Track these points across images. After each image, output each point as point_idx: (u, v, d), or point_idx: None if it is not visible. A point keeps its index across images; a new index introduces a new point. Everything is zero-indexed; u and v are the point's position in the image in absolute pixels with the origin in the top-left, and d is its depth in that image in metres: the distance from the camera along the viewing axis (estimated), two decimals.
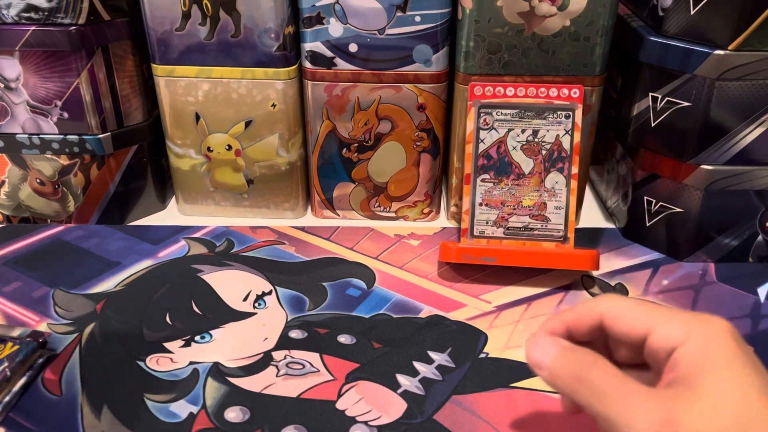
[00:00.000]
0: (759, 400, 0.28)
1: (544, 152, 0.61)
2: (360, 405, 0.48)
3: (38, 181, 0.69)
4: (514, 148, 0.62)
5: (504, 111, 0.61)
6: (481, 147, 0.62)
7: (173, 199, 0.76)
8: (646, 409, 0.28)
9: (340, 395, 0.49)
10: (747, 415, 0.27)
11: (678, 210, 0.63)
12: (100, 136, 0.66)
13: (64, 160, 0.67)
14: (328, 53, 0.63)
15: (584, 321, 0.35)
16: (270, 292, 0.60)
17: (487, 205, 0.62)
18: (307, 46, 0.63)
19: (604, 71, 0.62)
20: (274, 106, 0.65)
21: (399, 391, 0.49)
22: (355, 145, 0.68)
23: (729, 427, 0.27)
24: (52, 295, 0.60)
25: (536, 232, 0.62)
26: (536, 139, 0.61)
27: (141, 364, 0.52)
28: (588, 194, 0.76)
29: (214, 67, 0.64)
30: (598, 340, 0.36)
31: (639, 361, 0.35)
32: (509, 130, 0.62)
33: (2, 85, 0.64)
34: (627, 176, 0.68)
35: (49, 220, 0.71)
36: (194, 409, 0.48)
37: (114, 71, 0.65)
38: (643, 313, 0.33)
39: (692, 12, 0.56)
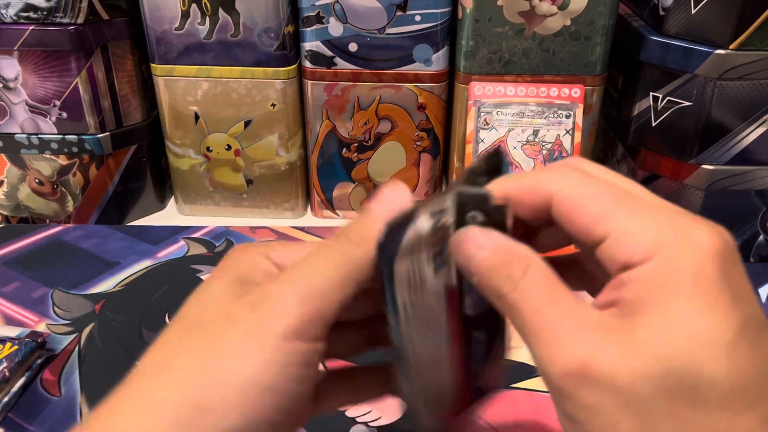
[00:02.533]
0: (717, 353, 0.20)
1: (544, 152, 0.61)
2: (360, 405, 0.48)
3: (37, 181, 0.69)
4: (515, 147, 0.61)
5: (504, 111, 0.61)
6: (481, 147, 0.62)
7: (172, 199, 0.76)
8: (572, 343, 0.22)
9: None
10: (693, 373, 0.20)
11: None
12: (99, 136, 0.66)
13: (62, 160, 0.67)
14: (328, 53, 0.63)
15: (528, 198, 0.25)
16: None
17: None
18: (307, 45, 0.63)
19: (604, 71, 0.62)
20: (273, 105, 0.65)
21: None
22: (355, 144, 0.68)
23: (662, 384, 0.20)
24: (51, 296, 0.60)
25: None
26: (537, 139, 0.61)
27: None
28: None
29: (213, 67, 0.64)
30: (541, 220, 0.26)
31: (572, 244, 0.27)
32: (509, 130, 0.61)
33: (1, 85, 0.64)
34: (628, 176, 0.68)
35: (48, 220, 0.71)
36: None
37: (113, 71, 0.65)
38: (602, 208, 0.23)
39: (693, 11, 0.56)
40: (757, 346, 0.21)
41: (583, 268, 0.28)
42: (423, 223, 0.25)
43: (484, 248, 0.24)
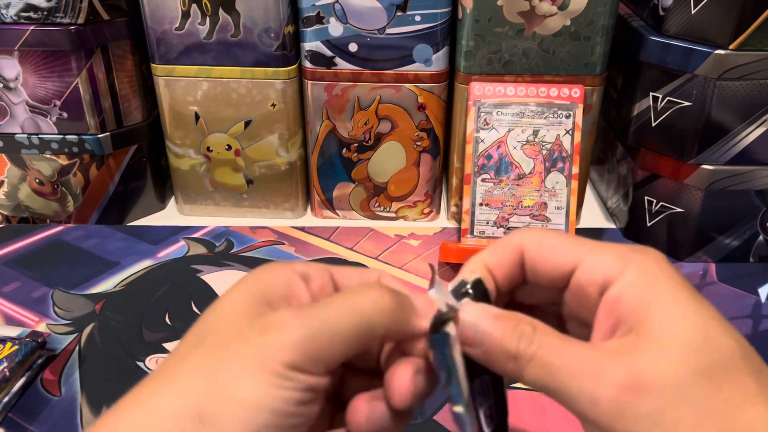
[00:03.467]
0: (723, 332, 0.24)
1: (544, 152, 0.61)
2: None
3: (37, 181, 0.69)
4: (515, 147, 0.61)
5: (504, 111, 0.61)
6: (481, 147, 0.62)
7: (173, 199, 0.76)
8: (604, 374, 0.23)
9: None
10: (713, 347, 0.23)
11: (678, 210, 0.63)
12: (100, 136, 0.66)
13: (63, 160, 0.67)
14: (328, 53, 0.63)
15: (504, 258, 0.28)
16: None
17: (487, 205, 0.62)
18: (307, 45, 0.63)
19: (604, 71, 0.62)
20: (273, 105, 0.65)
21: None
22: (355, 145, 0.68)
23: (698, 365, 0.23)
24: (51, 296, 0.60)
25: None
26: (536, 139, 0.61)
27: (140, 364, 0.52)
28: (588, 194, 0.76)
29: (213, 67, 0.64)
30: (517, 282, 0.30)
31: (552, 302, 0.30)
32: (509, 130, 0.61)
33: (1, 85, 0.64)
34: (627, 176, 0.68)
35: (48, 220, 0.71)
36: None
37: (113, 71, 0.65)
38: (568, 245, 0.27)
39: (693, 12, 0.56)
40: (728, 324, 0.25)
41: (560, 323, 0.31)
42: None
43: (486, 318, 0.26)
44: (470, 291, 0.28)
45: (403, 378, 0.27)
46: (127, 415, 0.24)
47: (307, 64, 0.64)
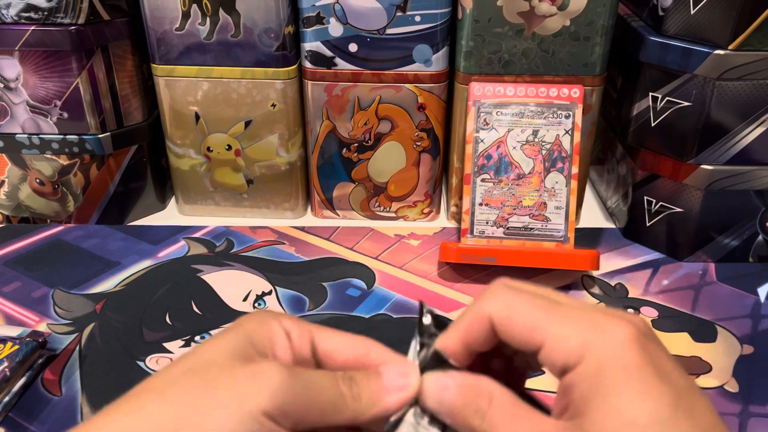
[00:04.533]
0: (666, 421, 0.24)
1: (544, 152, 0.61)
2: None
3: (38, 181, 0.69)
4: (514, 147, 0.62)
5: (504, 111, 0.61)
6: (481, 147, 0.62)
7: (173, 199, 0.76)
8: None
9: None
10: None
11: (678, 210, 0.63)
12: (100, 136, 0.66)
13: (63, 160, 0.67)
14: (328, 53, 0.63)
15: (476, 329, 0.30)
16: (270, 292, 0.60)
17: (487, 205, 0.62)
18: (307, 45, 0.63)
19: (604, 71, 0.62)
20: (273, 106, 0.65)
21: None
22: (355, 145, 0.68)
23: None
24: (51, 295, 0.60)
25: (536, 232, 0.62)
26: (536, 139, 0.61)
27: (141, 364, 0.52)
28: (588, 194, 0.76)
29: (213, 67, 0.64)
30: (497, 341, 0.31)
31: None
32: (509, 130, 0.62)
33: (2, 85, 0.64)
34: (627, 176, 0.68)
35: (48, 220, 0.71)
36: None
37: (114, 71, 0.65)
38: (534, 319, 0.28)
39: (692, 12, 0.56)
40: (695, 411, 0.25)
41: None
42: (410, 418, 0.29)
43: (449, 389, 0.29)
44: (436, 360, 0.30)
45: None
46: (112, 422, 0.26)
47: (307, 65, 0.64)
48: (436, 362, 0.30)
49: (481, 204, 0.62)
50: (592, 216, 0.73)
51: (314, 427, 0.29)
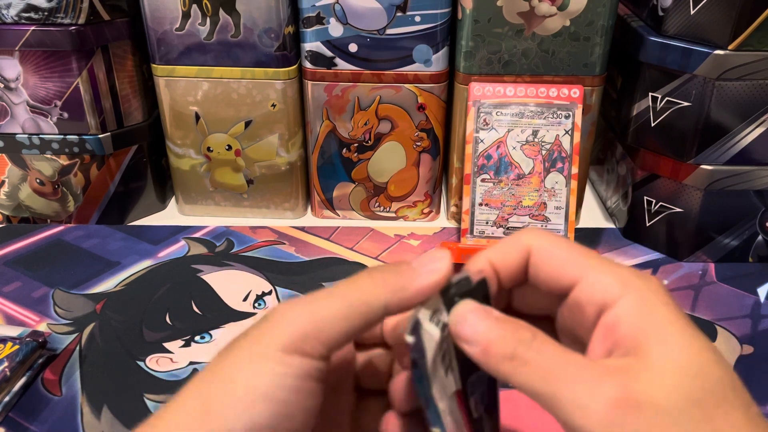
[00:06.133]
0: (716, 363, 0.25)
1: (544, 152, 0.61)
2: None
3: (38, 181, 0.69)
4: (514, 148, 0.62)
5: (504, 111, 0.61)
6: (481, 147, 0.62)
7: (173, 199, 0.76)
8: (599, 386, 0.24)
9: None
10: (706, 377, 0.24)
11: (678, 210, 0.63)
12: (100, 136, 0.66)
13: (63, 160, 0.67)
14: (328, 53, 0.63)
15: (511, 257, 0.29)
16: (270, 292, 0.60)
17: (487, 205, 0.62)
18: (307, 46, 0.63)
19: (604, 71, 0.62)
20: (273, 106, 0.65)
21: None
22: (355, 145, 0.68)
23: (690, 393, 0.24)
24: (52, 295, 0.60)
25: None
26: (536, 139, 0.61)
27: (141, 364, 0.52)
28: (588, 194, 0.76)
29: (213, 67, 0.64)
30: (519, 283, 0.30)
31: (549, 312, 0.30)
32: (509, 130, 0.62)
33: (2, 85, 0.64)
34: (627, 176, 0.68)
35: (49, 220, 0.71)
36: None
37: (114, 71, 0.65)
38: (573, 256, 0.28)
39: (692, 12, 0.56)
40: (722, 360, 0.26)
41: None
42: (431, 329, 0.27)
43: (487, 318, 0.27)
44: (473, 289, 0.28)
45: (401, 386, 0.30)
46: (162, 413, 0.27)
47: (307, 65, 0.64)
48: (474, 292, 0.28)
49: (481, 204, 0.62)
50: (592, 216, 0.73)
51: (348, 338, 0.27)
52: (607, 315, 0.26)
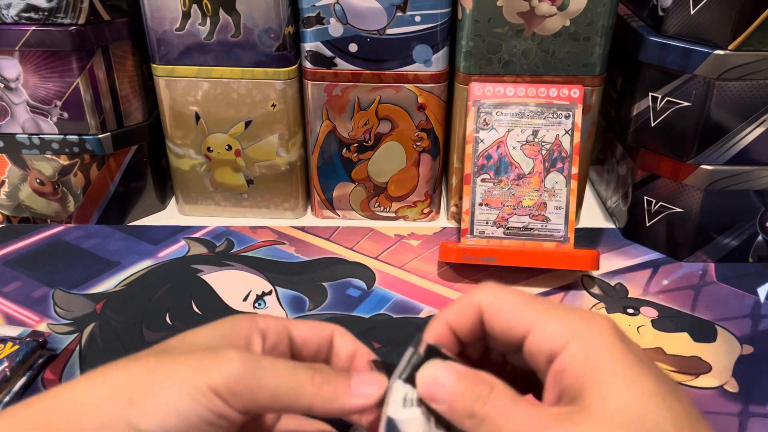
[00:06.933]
0: (656, 406, 0.25)
1: (544, 152, 0.61)
2: None
3: (38, 181, 0.69)
4: (514, 148, 0.62)
5: (504, 111, 0.62)
6: (481, 147, 0.62)
7: (173, 199, 0.76)
8: None
9: None
10: (644, 422, 0.25)
11: (678, 210, 0.63)
12: (100, 136, 0.66)
13: (63, 160, 0.67)
14: (328, 53, 0.63)
15: (465, 317, 0.31)
16: (270, 293, 0.60)
17: (487, 205, 0.62)
18: (307, 46, 0.63)
19: (604, 71, 0.62)
20: (273, 106, 0.65)
21: None
22: (355, 145, 0.68)
23: None
24: (52, 295, 0.60)
25: (536, 232, 0.62)
26: (536, 139, 0.61)
27: None
28: (588, 194, 0.76)
29: (213, 67, 0.64)
30: (482, 336, 0.32)
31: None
32: (509, 130, 0.62)
33: (2, 85, 0.64)
34: (627, 176, 0.68)
35: (49, 220, 0.71)
36: None
37: (114, 71, 0.65)
38: (521, 309, 0.29)
39: (692, 12, 0.56)
40: (677, 395, 0.26)
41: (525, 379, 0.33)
42: (407, 414, 0.29)
43: (449, 375, 0.29)
44: (425, 358, 0.30)
45: None
46: (76, 387, 0.29)
47: (307, 65, 0.64)
48: (430, 356, 0.30)
49: (481, 204, 0.62)
50: (592, 216, 0.73)
51: (267, 410, 0.30)
52: (555, 363, 0.28)
